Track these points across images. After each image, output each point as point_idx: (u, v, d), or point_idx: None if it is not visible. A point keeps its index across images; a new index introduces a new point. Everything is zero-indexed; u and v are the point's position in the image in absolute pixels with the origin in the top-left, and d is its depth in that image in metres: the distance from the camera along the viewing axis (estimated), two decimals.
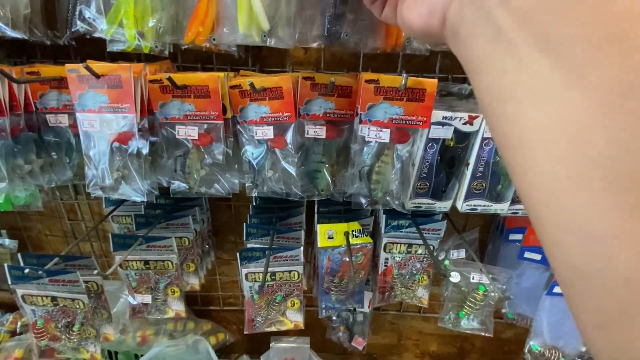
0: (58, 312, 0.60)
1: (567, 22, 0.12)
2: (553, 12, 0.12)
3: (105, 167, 0.51)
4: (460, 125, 0.50)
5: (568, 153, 0.13)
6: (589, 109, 0.12)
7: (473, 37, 0.15)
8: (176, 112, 0.52)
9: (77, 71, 0.48)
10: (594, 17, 0.12)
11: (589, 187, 0.12)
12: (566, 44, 0.12)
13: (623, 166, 0.12)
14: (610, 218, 0.12)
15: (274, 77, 0.51)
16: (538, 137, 0.14)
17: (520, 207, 0.57)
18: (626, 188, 0.12)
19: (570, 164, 0.13)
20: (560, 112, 0.13)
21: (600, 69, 0.12)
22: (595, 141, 0.12)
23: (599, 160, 0.12)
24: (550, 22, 0.13)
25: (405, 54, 0.62)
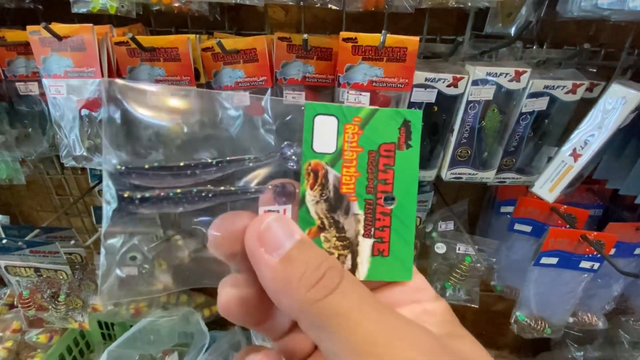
0: (43, 283, 0.60)
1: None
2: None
3: (76, 136, 0.49)
4: (444, 87, 0.48)
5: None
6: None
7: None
8: (146, 77, 0.49)
9: (38, 33, 0.46)
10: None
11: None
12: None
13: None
14: None
15: (247, 39, 0.48)
16: None
17: (507, 175, 0.55)
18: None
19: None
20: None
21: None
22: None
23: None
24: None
25: (392, 15, 0.58)
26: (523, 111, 0.50)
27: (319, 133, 0.18)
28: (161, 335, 0.86)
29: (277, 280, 0.15)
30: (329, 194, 0.18)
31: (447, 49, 0.55)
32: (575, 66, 0.53)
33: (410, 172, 0.19)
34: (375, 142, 0.18)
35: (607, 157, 0.54)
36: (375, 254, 0.19)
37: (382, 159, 0.19)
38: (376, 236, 0.19)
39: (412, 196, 0.19)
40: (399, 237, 0.19)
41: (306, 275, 0.15)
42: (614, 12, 0.44)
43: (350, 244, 0.19)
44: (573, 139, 0.48)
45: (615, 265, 0.55)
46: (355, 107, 0.18)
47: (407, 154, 0.19)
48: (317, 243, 0.18)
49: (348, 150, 0.18)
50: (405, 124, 0.19)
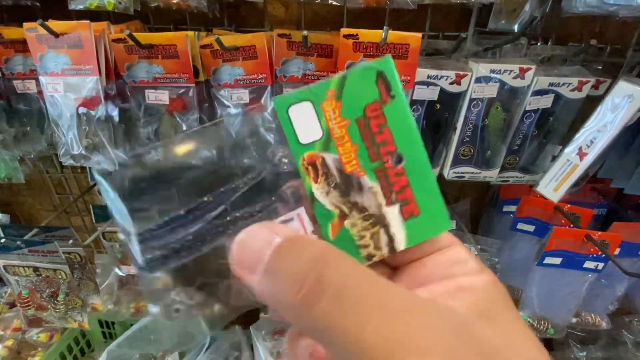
0: (42, 283, 0.60)
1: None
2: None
3: (74, 135, 0.49)
4: (447, 85, 0.47)
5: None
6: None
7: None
8: (144, 75, 0.49)
9: (35, 30, 0.45)
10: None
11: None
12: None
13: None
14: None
15: (246, 35, 0.47)
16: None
17: (510, 174, 0.54)
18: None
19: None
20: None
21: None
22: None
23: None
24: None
25: (393, 12, 0.57)
26: (527, 109, 0.49)
27: (299, 124, 0.17)
28: (162, 334, 0.86)
29: (267, 298, 0.15)
30: (335, 180, 0.17)
31: (450, 46, 0.54)
32: (580, 63, 0.52)
33: (405, 122, 0.17)
34: (359, 107, 0.17)
35: (612, 155, 0.53)
36: (405, 218, 0.18)
37: (373, 121, 0.17)
38: (399, 200, 0.18)
39: (417, 145, 0.17)
40: (422, 191, 0.18)
41: (287, 286, 0.14)
42: (621, 8, 0.43)
43: (377, 219, 0.18)
44: (579, 138, 0.47)
45: (620, 265, 0.54)
46: (324, 82, 0.17)
47: (394, 105, 0.17)
48: (345, 232, 0.17)
49: (335, 127, 0.17)
50: (380, 76, 0.17)
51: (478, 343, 0.13)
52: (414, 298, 0.14)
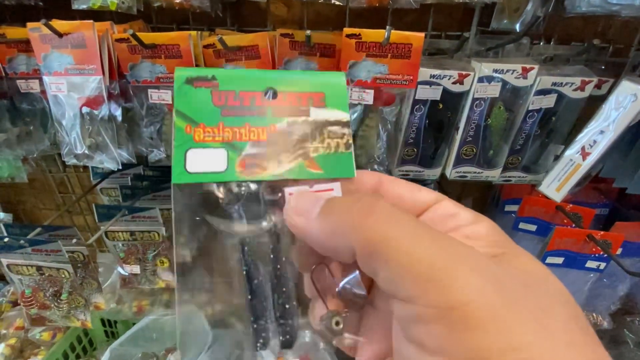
0: (45, 282, 0.60)
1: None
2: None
3: (77, 134, 0.49)
4: (450, 84, 0.47)
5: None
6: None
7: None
8: (147, 75, 0.49)
9: (39, 30, 0.45)
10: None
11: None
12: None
13: None
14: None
15: (249, 35, 0.47)
16: None
17: (513, 174, 0.54)
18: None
19: None
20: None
21: None
22: None
23: None
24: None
25: (396, 11, 0.57)
26: (530, 109, 0.49)
27: (204, 166, 0.18)
28: (164, 333, 0.86)
29: (323, 233, 0.16)
30: (266, 156, 0.19)
31: (452, 45, 0.54)
32: (583, 63, 0.52)
33: (238, 76, 0.19)
34: (195, 117, 0.18)
35: (614, 155, 0.53)
36: (317, 106, 0.19)
37: (226, 110, 0.18)
38: (305, 104, 0.19)
39: (252, 72, 0.19)
40: (305, 83, 0.19)
41: (345, 208, 0.15)
42: (623, 8, 0.43)
43: (318, 128, 0.19)
44: (582, 137, 0.47)
45: (622, 265, 0.54)
46: (174, 129, 0.18)
47: (224, 81, 0.19)
48: (320, 159, 0.19)
49: (219, 138, 0.18)
50: (192, 81, 0.19)
51: (517, 276, 0.14)
52: (450, 235, 0.15)
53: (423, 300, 0.13)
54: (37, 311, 0.62)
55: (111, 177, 0.76)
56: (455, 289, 0.12)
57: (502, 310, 0.12)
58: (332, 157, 0.19)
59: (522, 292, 0.13)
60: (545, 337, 0.12)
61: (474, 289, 0.12)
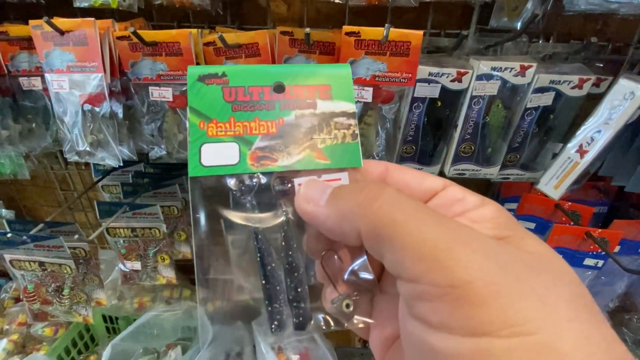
0: (47, 277, 0.61)
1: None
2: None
3: (79, 131, 0.50)
4: (448, 82, 0.47)
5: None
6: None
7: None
8: (148, 72, 0.49)
9: (40, 27, 0.46)
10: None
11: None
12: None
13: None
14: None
15: (249, 33, 0.48)
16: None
17: (511, 171, 0.54)
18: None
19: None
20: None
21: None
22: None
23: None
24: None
25: (395, 9, 0.58)
26: (528, 106, 0.49)
27: (214, 159, 0.19)
28: (165, 329, 0.87)
29: (331, 218, 0.17)
30: (275, 148, 0.19)
31: (451, 43, 0.54)
32: (581, 61, 0.52)
33: (249, 70, 0.20)
34: (213, 106, 0.19)
35: (613, 153, 0.53)
36: (324, 98, 0.20)
37: (238, 105, 0.19)
38: (312, 97, 0.20)
39: (268, 67, 0.20)
40: (312, 76, 0.20)
41: (352, 193, 0.16)
42: (622, 6, 0.43)
43: (325, 119, 0.20)
44: (579, 135, 0.47)
45: (620, 262, 0.54)
46: (189, 132, 0.19)
47: (233, 78, 0.19)
48: (328, 150, 0.19)
49: (231, 133, 0.19)
50: (204, 78, 0.19)
51: (521, 257, 0.14)
52: (461, 223, 0.15)
53: (427, 279, 0.13)
54: (39, 306, 0.63)
55: (112, 174, 0.76)
56: (459, 268, 0.13)
57: (505, 288, 0.12)
58: (339, 147, 0.19)
59: (525, 272, 0.13)
60: (547, 313, 0.12)
61: (476, 268, 0.13)
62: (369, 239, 0.15)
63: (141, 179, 0.75)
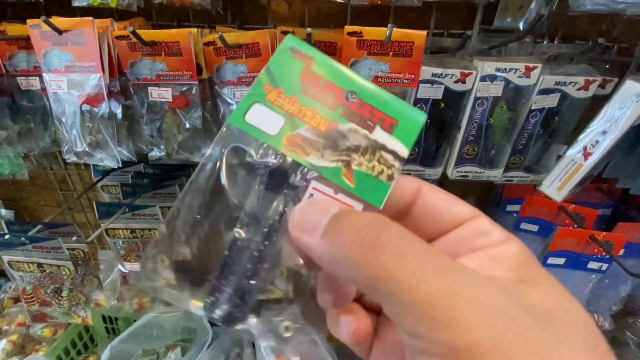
0: (46, 279, 0.60)
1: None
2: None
3: (77, 132, 0.49)
4: (452, 83, 0.46)
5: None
6: None
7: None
8: (148, 72, 0.49)
9: (38, 27, 0.45)
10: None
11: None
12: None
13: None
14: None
15: (250, 32, 0.47)
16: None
17: (515, 174, 0.54)
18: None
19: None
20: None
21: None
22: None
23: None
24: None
25: (398, 9, 0.57)
26: (533, 108, 0.48)
27: (261, 123, 0.19)
28: (164, 330, 0.86)
29: (325, 257, 0.15)
30: (320, 142, 0.19)
31: (455, 44, 0.54)
32: (587, 62, 0.51)
33: (335, 68, 0.19)
34: (296, 82, 0.19)
35: (617, 155, 0.52)
36: (391, 131, 0.19)
37: (312, 83, 0.19)
38: (376, 122, 0.19)
39: (355, 77, 0.20)
40: (384, 105, 0.19)
41: (350, 240, 0.14)
42: (629, 6, 0.42)
43: (372, 147, 0.19)
44: (584, 137, 0.47)
45: (625, 266, 0.53)
46: (255, 82, 0.19)
47: (318, 63, 0.19)
48: (359, 174, 0.19)
49: (289, 107, 0.19)
50: (293, 50, 0.19)
51: (531, 307, 0.13)
52: (462, 265, 0.14)
53: (428, 337, 0.12)
54: (38, 308, 0.63)
55: (112, 175, 0.76)
56: (461, 329, 0.12)
57: (511, 350, 0.12)
58: (370, 179, 0.19)
59: (536, 328, 0.13)
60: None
61: (480, 329, 0.12)
62: (364, 289, 0.15)
63: (141, 179, 0.74)
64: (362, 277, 0.14)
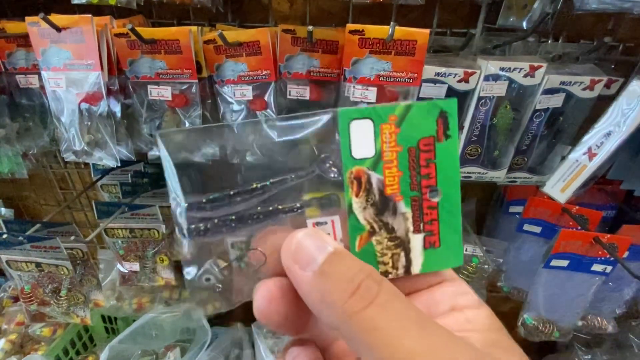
0: (44, 278, 0.60)
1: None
2: None
3: (76, 130, 0.49)
4: (455, 83, 0.46)
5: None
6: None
7: None
8: (147, 70, 0.48)
9: (37, 24, 0.45)
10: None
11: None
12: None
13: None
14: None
15: (250, 31, 0.47)
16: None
17: (518, 175, 0.53)
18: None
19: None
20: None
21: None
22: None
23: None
24: None
25: (400, 7, 0.56)
26: (537, 108, 0.47)
27: (356, 139, 0.18)
28: (163, 330, 0.86)
29: (313, 294, 0.16)
30: (374, 198, 0.19)
31: (457, 43, 0.53)
32: (592, 61, 0.51)
33: (452, 162, 0.19)
34: (414, 138, 0.18)
35: (622, 156, 0.51)
36: (427, 247, 0.19)
37: (423, 154, 0.18)
38: (425, 230, 0.19)
39: (456, 185, 0.19)
40: (448, 227, 0.19)
41: (341, 287, 0.15)
42: (636, 5, 0.42)
43: (401, 242, 0.19)
44: (588, 138, 0.46)
45: (630, 269, 0.53)
46: (389, 106, 0.18)
47: (446, 145, 0.18)
48: (370, 247, 0.19)
49: (387, 150, 0.18)
50: (442, 115, 0.18)
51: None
52: (440, 325, 0.15)
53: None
54: (36, 307, 0.62)
55: (111, 174, 0.75)
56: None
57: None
58: (373, 259, 0.19)
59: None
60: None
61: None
62: (345, 336, 0.15)
63: (140, 178, 0.74)
64: (346, 325, 0.14)
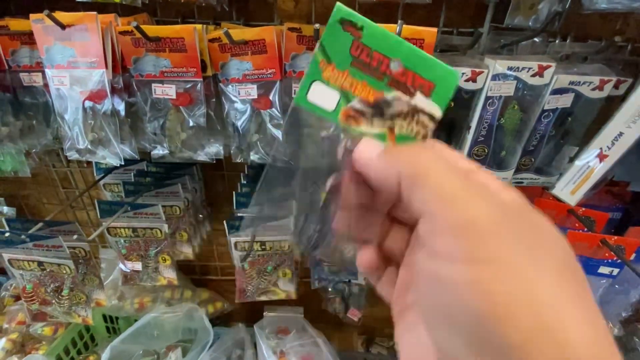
0: (46, 277, 0.59)
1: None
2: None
3: (80, 129, 0.48)
4: (462, 82, 0.45)
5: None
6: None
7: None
8: (151, 69, 0.48)
9: (41, 22, 0.44)
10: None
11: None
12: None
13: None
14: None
15: (255, 29, 0.46)
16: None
17: (525, 175, 0.53)
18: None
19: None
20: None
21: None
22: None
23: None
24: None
25: (407, 6, 0.56)
26: (545, 108, 0.47)
27: (320, 100, 0.21)
28: (165, 330, 0.85)
29: (381, 163, 0.19)
30: (370, 112, 0.21)
31: (464, 42, 0.52)
32: (601, 61, 0.50)
33: (382, 36, 0.20)
34: (346, 55, 0.20)
35: (630, 157, 0.51)
36: (429, 95, 0.21)
37: (361, 56, 0.20)
38: (417, 87, 0.21)
39: (401, 44, 0.20)
40: (425, 69, 0.21)
41: (400, 149, 0.20)
42: None
43: (412, 111, 0.21)
44: (600, 139, 0.45)
45: (638, 272, 0.52)
46: (311, 61, 0.21)
47: (367, 33, 0.20)
48: (400, 137, 0.21)
49: (342, 82, 0.21)
50: (343, 22, 0.20)
51: (519, 214, 0.18)
52: (477, 179, 0.19)
53: (442, 215, 0.17)
54: (38, 307, 0.62)
55: (114, 173, 0.75)
56: (467, 209, 0.16)
57: (503, 231, 0.16)
58: (408, 139, 0.21)
59: (520, 224, 0.17)
60: (532, 257, 0.16)
61: (483, 212, 0.16)
62: (406, 180, 0.19)
63: (143, 177, 0.74)
64: (407, 171, 0.18)
